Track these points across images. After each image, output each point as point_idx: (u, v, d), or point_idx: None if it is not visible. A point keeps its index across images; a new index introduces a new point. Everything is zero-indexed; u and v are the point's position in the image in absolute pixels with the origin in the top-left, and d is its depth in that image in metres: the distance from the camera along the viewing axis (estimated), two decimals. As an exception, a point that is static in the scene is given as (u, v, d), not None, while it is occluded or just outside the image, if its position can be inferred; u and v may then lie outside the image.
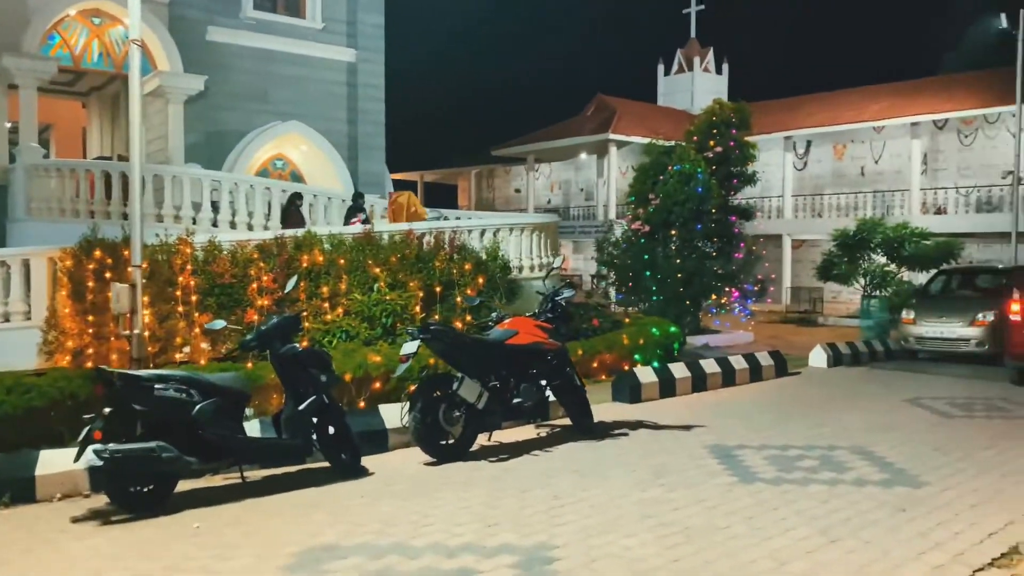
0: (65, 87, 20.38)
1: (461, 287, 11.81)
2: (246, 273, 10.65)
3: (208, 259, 10.74)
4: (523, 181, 39.53)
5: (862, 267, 22.77)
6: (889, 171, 28.74)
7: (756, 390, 10.31)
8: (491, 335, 7.13)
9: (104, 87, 20.36)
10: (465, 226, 13.37)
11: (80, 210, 14.23)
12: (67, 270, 10.21)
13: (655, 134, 30.36)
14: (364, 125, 19.64)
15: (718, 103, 17.74)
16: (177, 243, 10.58)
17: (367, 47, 19.62)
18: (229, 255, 10.91)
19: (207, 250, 10.84)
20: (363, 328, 10.62)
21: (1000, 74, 25.30)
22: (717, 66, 35.28)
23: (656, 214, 17.04)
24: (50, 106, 21.31)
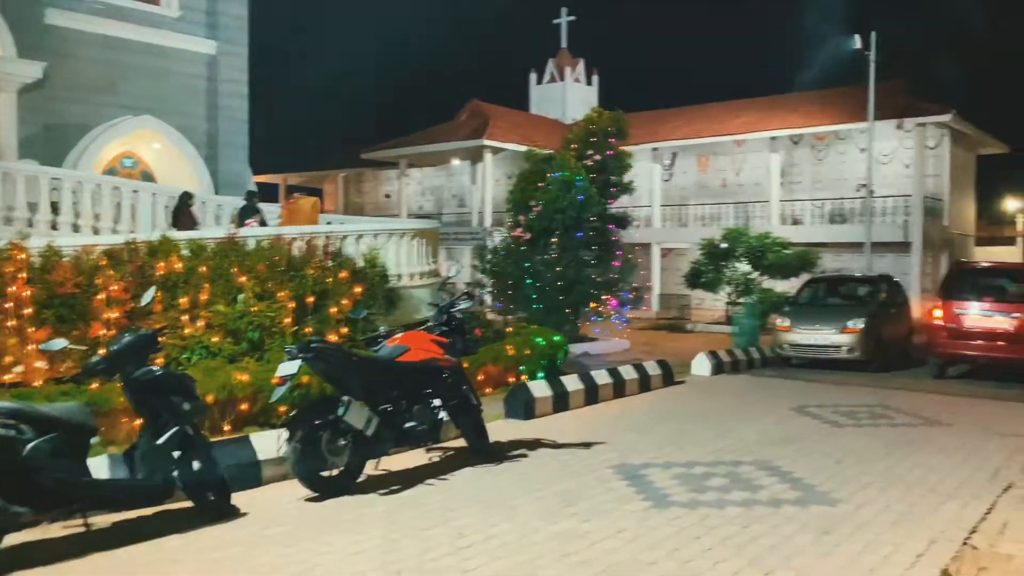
0: None
1: (336, 297, 11.01)
2: (92, 282, 9.42)
3: (46, 266, 9.44)
4: (394, 186, 38.59)
5: (727, 275, 23.54)
6: (749, 183, 29.94)
7: (647, 401, 10.11)
8: (380, 352, 6.44)
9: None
10: (340, 231, 12.53)
11: None
12: None
13: (529, 141, 30.50)
14: (225, 122, 18.32)
15: (596, 112, 17.72)
16: (8, 248, 9.21)
17: (228, 39, 18.33)
18: (72, 262, 9.65)
19: (45, 256, 9.53)
20: (227, 343, 9.63)
21: (851, 92, 26.87)
22: (588, 77, 35.74)
23: (537, 221, 16.77)
24: None
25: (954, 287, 13.04)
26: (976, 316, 12.33)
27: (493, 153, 30.12)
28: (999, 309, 12.26)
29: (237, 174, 18.32)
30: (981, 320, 12.26)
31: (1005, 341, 12.04)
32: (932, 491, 5.99)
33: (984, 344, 12.20)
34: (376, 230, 13.28)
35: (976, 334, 12.24)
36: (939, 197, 25.93)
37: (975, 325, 12.28)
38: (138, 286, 9.69)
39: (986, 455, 7.18)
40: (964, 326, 12.34)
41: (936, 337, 12.62)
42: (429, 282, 14.40)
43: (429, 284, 14.40)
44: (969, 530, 5.04)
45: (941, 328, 12.52)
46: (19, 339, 9.06)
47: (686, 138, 28.82)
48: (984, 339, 12.19)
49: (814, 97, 28.34)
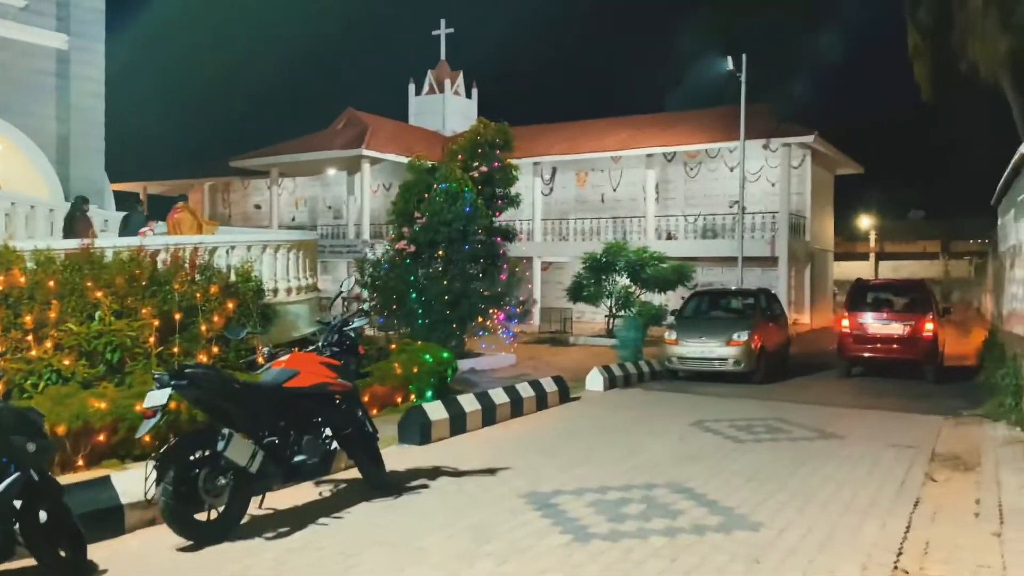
0: None
1: (207, 314, 10.07)
2: (-93, 302, 8.16)
3: None
4: (264, 196, 36.91)
5: (607, 288, 23.76)
6: (626, 199, 30.49)
7: (546, 419, 9.75)
8: (265, 377, 5.72)
9: None
10: (211, 242, 11.54)
11: None
12: None
13: (409, 152, 29.80)
14: (78, 124, 16.72)
15: (482, 123, 17.36)
16: None
17: (83, 33, 16.76)
18: None
19: None
20: (81, 366, 8.55)
21: (721, 112, 27.85)
22: (467, 90, 35.50)
23: (422, 233, 16.21)
24: None
25: (857, 300, 14.89)
26: (876, 324, 14.32)
27: (371, 163, 29.30)
28: (894, 318, 14.36)
29: (92, 181, 16.73)
30: (880, 327, 14.27)
31: (899, 344, 14.07)
32: (848, 509, 5.89)
33: (883, 347, 14.17)
34: (250, 241, 12.35)
35: (877, 339, 14.22)
36: (802, 214, 27.23)
37: (876, 332, 14.27)
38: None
39: (887, 468, 7.22)
40: (867, 332, 14.28)
41: (844, 342, 14.50)
42: (307, 297, 13.57)
43: (307, 299, 13.56)
44: (896, 552, 4.92)
45: (848, 335, 14.43)
46: None
47: (566, 153, 29.02)
48: (883, 343, 14.17)
49: (687, 117, 29.22)
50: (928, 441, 8.47)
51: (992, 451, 7.83)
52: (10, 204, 12.36)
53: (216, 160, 34.74)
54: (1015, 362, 9.85)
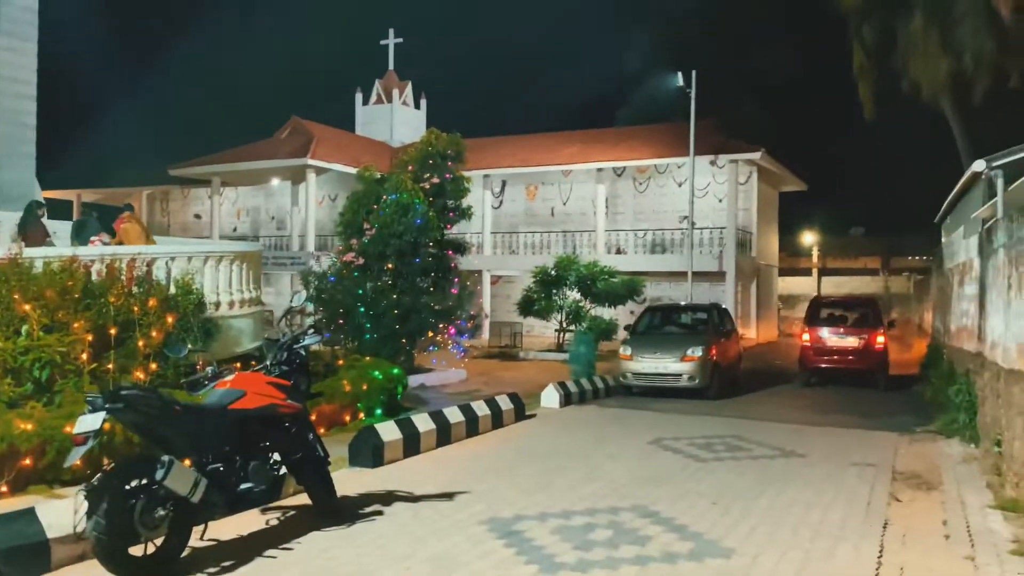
0: None
1: (144, 328, 9.56)
2: None
3: None
4: (204, 206, 35.93)
5: (558, 303, 23.62)
6: (576, 213, 30.49)
7: (503, 438, 9.45)
8: (209, 399, 5.32)
9: None
10: (149, 253, 10.97)
11: None
12: None
13: (356, 163, 29.30)
14: (7, 126, 15.81)
15: (434, 134, 17.07)
16: None
17: (14, 33, 15.90)
18: None
19: None
20: (6, 384, 7.98)
21: (669, 128, 28.09)
22: (416, 100, 35.15)
23: (371, 246, 15.81)
24: None
25: (814, 316, 16.26)
26: (833, 338, 15.66)
27: (317, 173, 28.70)
28: (849, 332, 15.75)
29: (23, 185, 15.84)
30: (837, 341, 15.61)
31: (854, 356, 15.40)
32: (818, 532, 5.75)
33: (839, 358, 15.49)
34: (190, 252, 11.80)
35: (834, 351, 15.55)
36: (748, 230, 27.57)
37: (833, 344, 15.59)
38: None
39: (852, 487, 7.13)
40: (825, 345, 15.61)
41: (805, 354, 15.77)
42: (251, 311, 13.05)
43: (251, 313, 13.04)
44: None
45: (809, 347, 15.70)
46: None
47: (516, 166, 28.87)
48: (839, 354, 15.51)
49: (637, 132, 29.39)
50: (887, 459, 8.43)
51: (951, 469, 7.82)
52: (-70, 210, 11.57)
53: (154, 168, 33.64)
54: (967, 379, 9.95)
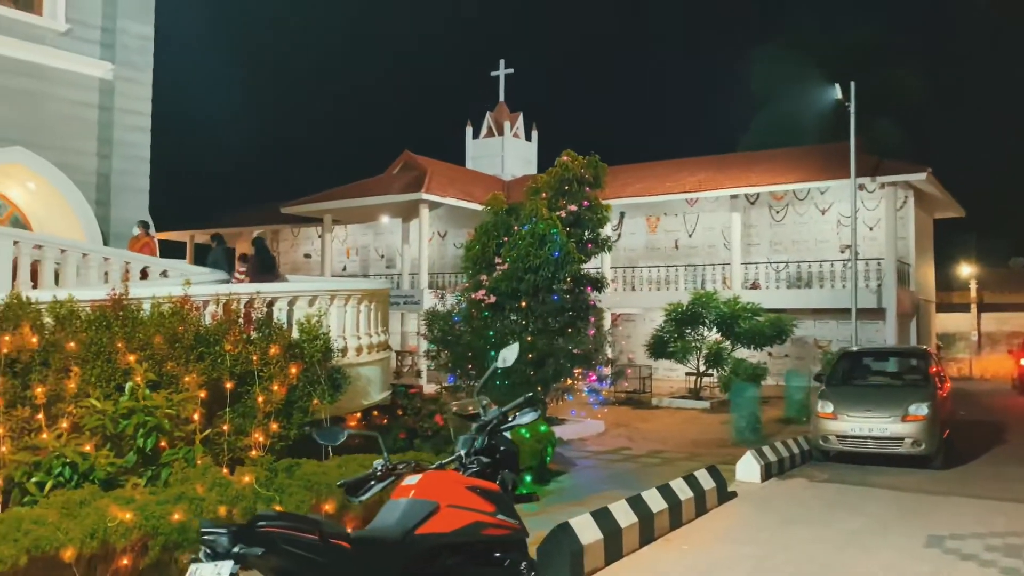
0: None
1: (264, 381, 8.01)
2: None
3: None
4: (314, 245, 35.39)
5: (696, 344, 21.32)
6: (702, 245, 28.19)
7: (714, 533, 7.31)
8: (384, 515, 3.47)
9: None
10: (269, 293, 9.52)
11: None
12: None
13: (469, 196, 28.00)
14: (121, 160, 15.05)
15: (570, 156, 15.33)
16: None
17: (129, 62, 15.20)
18: None
19: None
20: (103, 456, 6.47)
21: (810, 151, 25.60)
22: (527, 132, 33.76)
23: (503, 282, 14.09)
24: None
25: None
26: None
27: (430, 208, 27.48)
28: None
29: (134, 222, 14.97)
30: None
31: None
32: None
33: None
34: (314, 291, 10.31)
35: None
36: (907, 261, 24.63)
37: None
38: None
39: None
40: None
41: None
42: (380, 357, 11.48)
43: (380, 359, 11.47)
44: None
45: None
46: None
47: (636, 196, 26.85)
48: None
49: (771, 156, 26.93)
50: None
51: None
52: (31, 246, 10.49)
53: (266, 207, 33.34)
54: None
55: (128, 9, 15.07)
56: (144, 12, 15.40)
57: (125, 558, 5.56)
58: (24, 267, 10.48)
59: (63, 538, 5.21)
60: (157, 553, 5.67)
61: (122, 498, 5.82)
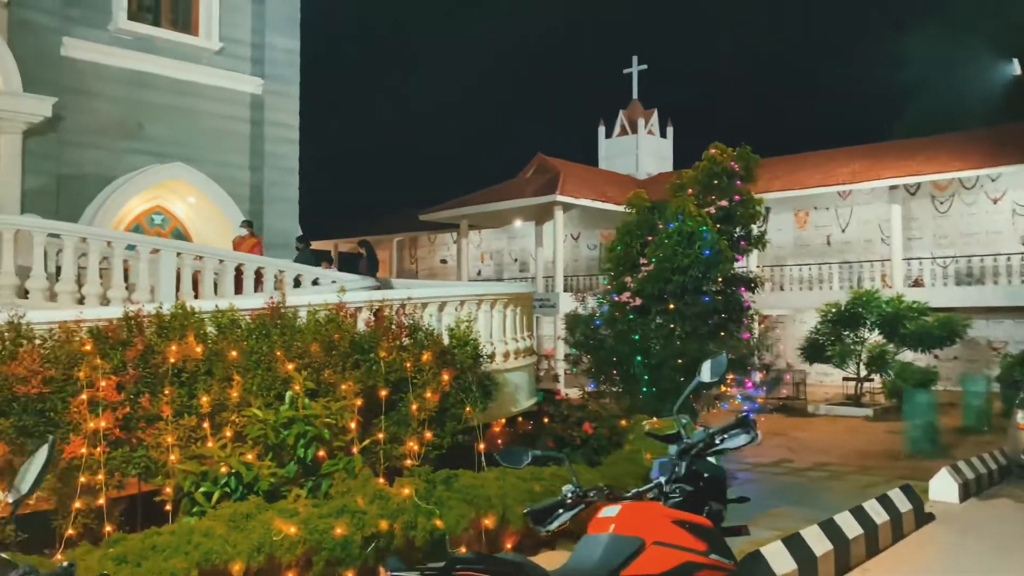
0: None
1: (418, 388, 7.84)
2: (70, 376, 6.37)
3: (3, 353, 6.44)
4: (450, 250, 35.85)
5: (856, 346, 19.89)
6: (857, 240, 26.42)
7: (919, 561, 6.50)
8: (583, 552, 3.02)
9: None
10: (419, 298, 9.39)
11: None
12: None
13: (603, 197, 27.46)
14: (271, 172, 15.55)
15: (719, 148, 14.50)
16: (-51, 327, 6.24)
17: (277, 76, 15.70)
18: (47, 345, 6.64)
19: (5, 337, 6.54)
20: (266, 465, 6.42)
21: (977, 135, 23.45)
22: (662, 129, 32.86)
23: (649, 283, 13.48)
24: None
25: None
26: None
27: (564, 210, 27.14)
28: None
29: (285, 232, 15.44)
30: None
31: None
32: None
33: None
34: (462, 296, 10.12)
35: None
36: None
37: None
38: (139, 380, 6.64)
39: None
40: None
41: None
42: (526, 362, 11.19)
43: (526, 365, 11.18)
44: None
45: None
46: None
47: (784, 190, 25.42)
48: None
49: (933, 143, 24.86)
50: None
51: None
52: (193, 257, 10.85)
53: (403, 214, 34.07)
54: None
55: (276, 25, 15.56)
56: (290, 27, 15.87)
57: (290, 573, 5.45)
58: (186, 277, 10.87)
59: (231, 552, 5.14)
60: (321, 569, 5.54)
61: (286, 511, 5.72)
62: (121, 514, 6.37)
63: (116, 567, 4.88)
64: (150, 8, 14.62)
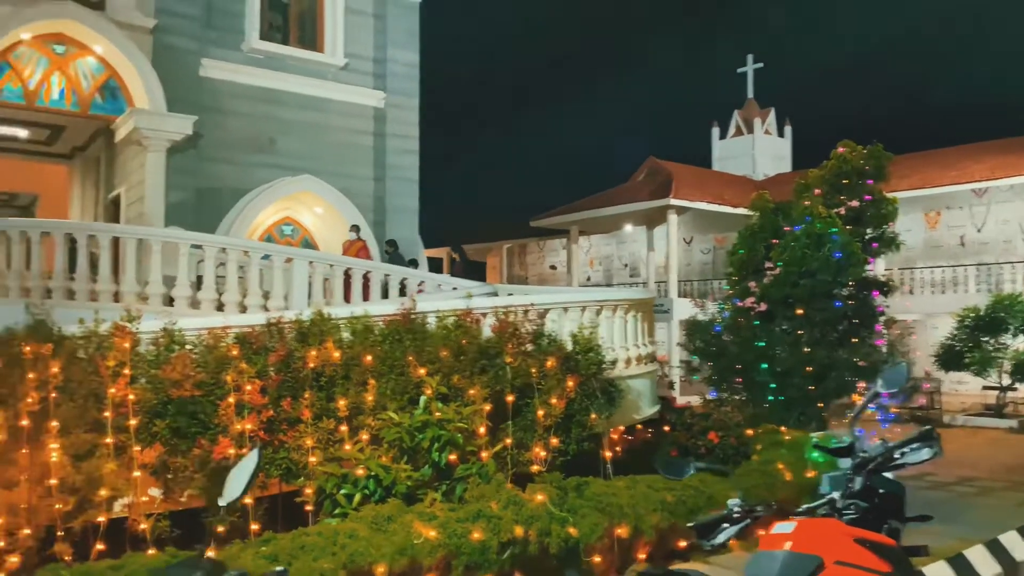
0: (44, 146, 16.97)
1: (543, 394, 7.84)
2: (218, 380, 6.69)
3: (159, 358, 6.83)
4: (559, 257, 35.86)
5: (998, 354, 18.61)
6: (995, 241, 24.77)
7: None
8: (762, 571, 2.89)
9: (87, 147, 16.92)
10: (542, 304, 9.39)
11: (11, 286, 10.39)
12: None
13: (719, 200, 26.82)
14: (393, 182, 15.98)
15: (848, 147, 13.91)
16: (112, 333, 6.65)
17: (398, 89, 16.13)
18: (196, 351, 7.00)
19: (159, 344, 6.93)
20: (402, 468, 6.55)
21: None
22: (779, 128, 31.83)
23: (774, 288, 13.04)
24: (34, 172, 17.96)
25: None
26: None
27: (678, 214, 26.66)
28: None
29: (407, 241, 15.84)
30: None
31: None
32: None
33: None
34: (583, 302, 10.06)
35: None
36: None
37: None
38: (281, 384, 6.91)
39: None
40: None
41: None
42: (648, 369, 11.04)
43: (648, 372, 11.03)
44: None
45: None
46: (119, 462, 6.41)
47: (913, 188, 24.11)
48: None
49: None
50: None
51: None
52: (326, 266, 11.25)
53: (513, 221, 34.34)
54: None
55: (397, 40, 16.01)
56: (411, 41, 16.30)
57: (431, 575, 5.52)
58: (318, 284, 11.28)
59: (375, 554, 5.25)
60: (460, 573, 5.59)
61: (425, 514, 5.80)
62: (264, 513, 6.64)
63: (268, 565, 5.07)
64: (279, 28, 15.33)
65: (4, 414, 6.13)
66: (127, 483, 6.34)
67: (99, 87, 13.58)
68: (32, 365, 6.27)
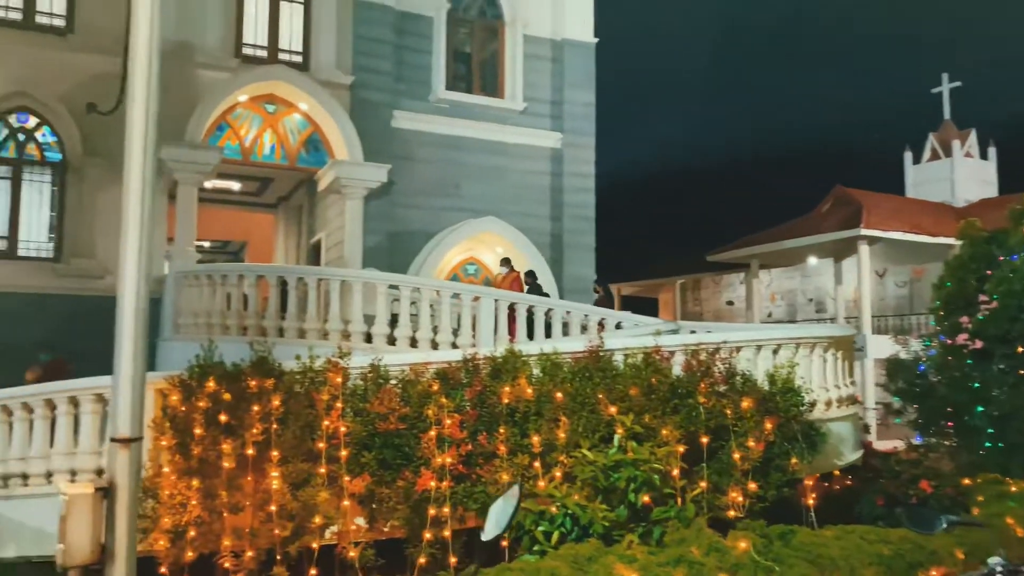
0: (253, 197, 18.69)
1: (739, 436, 7.52)
2: (420, 414, 6.97)
3: (367, 391, 7.21)
4: (736, 292, 34.70)
5: None
6: None
7: None
8: None
9: (290, 196, 18.45)
10: (735, 341, 9.08)
11: (231, 325, 11.40)
12: (171, 409, 6.93)
13: (917, 229, 25.02)
14: (570, 221, 16.18)
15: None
16: (326, 367, 7.12)
17: (575, 129, 16.40)
18: (399, 386, 7.34)
19: (367, 378, 7.33)
20: (599, 508, 6.49)
21: None
22: (982, 150, 29.36)
23: (991, 323, 11.91)
24: (244, 221, 19.80)
25: None
26: None
27: (869, 244, 25.09)
28: None
29: (583, 279, 15.96)
30: None
31: None
32: None
33: None
34: (778, 339, 9.61)
35: None
36: None
37: None
38: (477, 419, 7.10)
39: None
40: None
41: None
42: (849, 412, 10.34)
43: (849, 414, 10.33)
44: None
45: None
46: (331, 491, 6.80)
47: None
48: None
49: None
50: None
51: None
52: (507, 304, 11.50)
53: (684, 257, 33.66)
54: None
55: (574, 81, 16.34)
56: (587, 81, 16.56)
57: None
58: (502, 321, 11.55)
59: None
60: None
61: (625, 556, 5.71)
62: (461, 547, 6.78)
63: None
64: (463, 77, 16.08)
65: (233, 443, 6.70)
66: (338, 511, 6.72)
67: (304, 141, 14.80)
68: (256, 398, 6.83)
